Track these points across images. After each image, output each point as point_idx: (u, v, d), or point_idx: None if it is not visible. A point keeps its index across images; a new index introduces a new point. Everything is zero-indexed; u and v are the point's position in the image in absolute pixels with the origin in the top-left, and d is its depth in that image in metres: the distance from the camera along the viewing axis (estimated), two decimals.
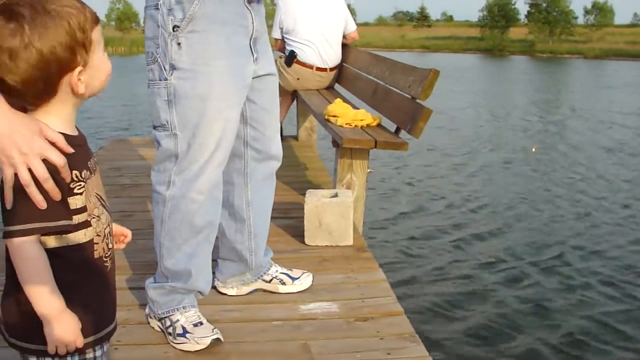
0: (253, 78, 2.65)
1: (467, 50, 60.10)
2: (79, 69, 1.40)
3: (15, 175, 1.32)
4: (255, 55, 2.62)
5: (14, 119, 1.33)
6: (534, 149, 10.48)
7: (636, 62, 42.41)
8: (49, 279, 1.39)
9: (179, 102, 2.46)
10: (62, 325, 1.41)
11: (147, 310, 2.80)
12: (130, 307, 2.94)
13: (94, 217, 1.48)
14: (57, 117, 1.42)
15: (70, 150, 1.40)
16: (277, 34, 6.44)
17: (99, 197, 1.51)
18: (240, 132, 2.74)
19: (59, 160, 1.35)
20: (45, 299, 1.39)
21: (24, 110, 1.40)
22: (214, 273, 3.03)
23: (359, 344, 2.66)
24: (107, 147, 6.87)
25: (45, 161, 1.34)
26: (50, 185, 1.35)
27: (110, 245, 1.55)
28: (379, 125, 4.36)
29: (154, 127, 2.57)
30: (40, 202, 1.34)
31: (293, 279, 3.14)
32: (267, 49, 2.77)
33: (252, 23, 2.57)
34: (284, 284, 3.12)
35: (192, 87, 2.44)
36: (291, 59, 6.18)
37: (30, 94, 1.38)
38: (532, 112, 16.09)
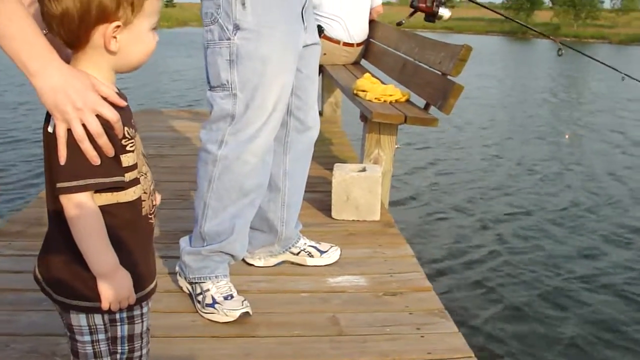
0: (303, 47, 2.66)
1: (490, 32, 59.57)
2: (116, 23, 1.36)
3: (69, 130, 1.31)
4: (305, 24, 2.63)
5: (68, 73, 1.32)
6: (567, 137, 10.32)
7: None
8: (105, 236, 1.38)
9: (241, 62, 2.46)
10: (118, 282, 1.42)
11: (177, 268, 2.79)
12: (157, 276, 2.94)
13: (142, 175, 1.47)
14: (97, 72, 1.40)
15: (124, 103, 1.40)
16: None
17: (144, 154, 1.50)
18: None
19: (112, 115, 1.35)
20: (102, 256, 1.39)
21: (67, 62, 1.37)
22: None
23: (387, 317, 2.65)
24: None
25: (98, 117, 1.33)
26: (104, 140, 1.33)
27: (154, 203, 1.54)
28: (407, 100, 4.31)
29: (211, 88, 2.57)
30: (94, 157, 1.33)
31: (321, 252, 3.13)
32: (313, 18, 2.79)
33: None
34: (311, 256, 3.10)
35: (255, 47, 2.45)
36: (318, 33, 6.10)
37: (65, 32, 1.35)
38: (558, 96, 15.91)
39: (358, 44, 6.23)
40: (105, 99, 1.35)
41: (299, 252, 3.11)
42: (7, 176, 7.30)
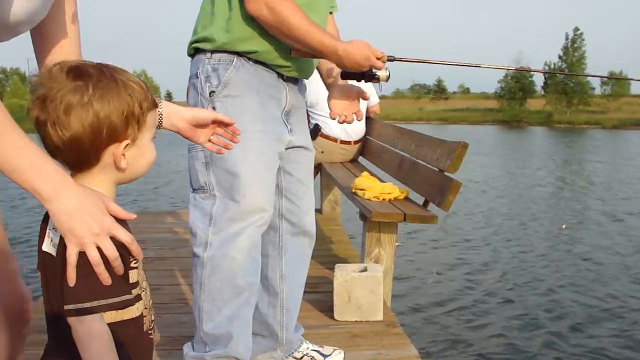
0: (288, 148, 2.70)
1: (485, 122, 60.43)
2: (126, 142, 1.40)
3: (81, 252, 1.31)
4: (289, 127, 2.68)
5: (82, 197, 1.33)
6: (563, 227, 10.33)
7: None
8: (116, 356, 1.36)
9: (215, 163, 2.50)
10: None
11: None
12: None
13: (142, 290, 1.47)
14: (102, 189, 1.41)
15: (133, 216, 1.42)
16: None
17: (142, 267, 1.50)
18: (275, 203, 2.74)
19: (128, 238, 1.36)
20: None
21: None
22: None
23: None
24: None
25: (111, 238, 1.34)
26: (118, 263, 1.34)
27: (153, 317, 1.54)
28: (406, 198, 4.34)
29: (193, 190, 2.60)
30: (107, 279, 1.33)
31: (324, 356, 3.09)
32: (303, 123, 2.84)
33: (286, 97, 2.65)
34: None
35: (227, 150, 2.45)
36: (315, 132, 6.20)
37: (74, 156, 1.37)
38: (556, 184, 16.00)
39: (355, 142, 6.31)
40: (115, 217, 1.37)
41: (302, 357, 3.06)
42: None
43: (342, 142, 6.25)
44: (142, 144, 1.44)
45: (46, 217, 1.40)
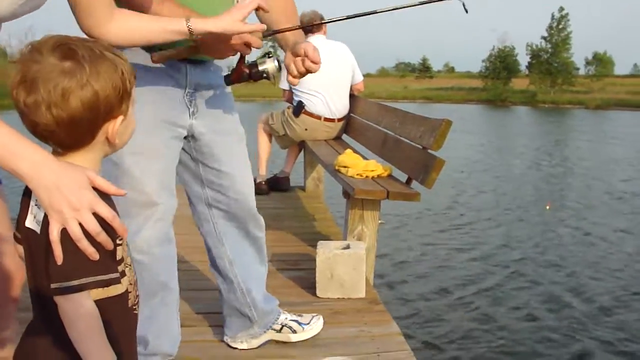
0: (195, 136, 2.54)
1: (469, 101, 60.44)
2: (121, 117, 1.40)
3: (63, 229, 1.29)
4: (190, 109, 2.48)
5: (61, 172, 1.31)
6: (547, 207, 10.34)
7: (637, 112, 42.59)
8: (104, 335, 1.35)
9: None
10: None
11: None
12: None
13: (127, 266, 1.45)
14: (90, 164, 1.40)
15: (122, 192, 1.40)
16: (284, 85, 6.47)
17: (127, 245, 1.49)
18: (199, 193, 2.68)
19: (108, 214, 1.33)
20: (102, 354, 1.34)
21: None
22: (223, 328, 2.99)
23: None
24: None
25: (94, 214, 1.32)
26: (103, 237, 1.32)
27: (137, 293, 1.52)
28: (389, 175, 4.33)
29: None
30: (93, 254, 1.30)
31: (303, 325, 3.08)
32: (218, 104, 2.60)
33: (186, 75, 2.43)
34: (294, 332, 3.05)
35: None
36: (299, 109, 6.18)
37: (71, 136, 1.36)
38: (540, 164, 16.03)
39: (339, 119, 6.30)
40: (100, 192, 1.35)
41: (281, 329, 3.04)
42: None
43: (326, 119, 6.23)
44: (129, 117, 1.44)
45: (27, 191, 1.39)
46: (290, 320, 3.07)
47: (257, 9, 2.17)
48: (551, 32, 72.29)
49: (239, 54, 2.32)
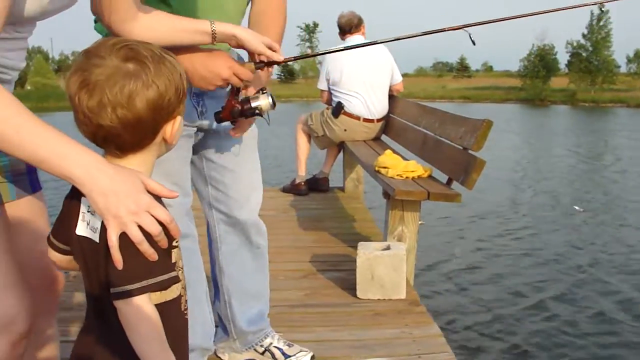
0: (206, 132, 2.50)
1: (507, 100, 59.86)
2: (179, 117, 1.42)
3: (121, 234, 1.29)
4: (199, 109, 2.41)
5: (116, 176, 1.31)
6: (576, 207, 10.13)
7: None
8: (164, 336, 1.35)
9: None
10: None
11: None
12: None
13: (179, 270, 1.44)
14: (144, 167, 1.42)
15: (175, 194, 1.40)
16: (323, 85, 6.47)
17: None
18: (202, 192, 2.65)
19: (166, 217, 1.34)
20: (163, 356, 1.35)
21: None
22: None
23: None
24: None
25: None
26: (162, 238, 1.33)
27: (186, 297, 1.51)
28: (429, 176, 4.32)
29: None
30: (153, 255, 1.31)
31: (286, 355, 2.86)
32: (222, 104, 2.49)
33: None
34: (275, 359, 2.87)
35: None
36: (338, 110, 6.18)
37: (134, 136, 1.37)
38: (579, 166, 15.79)
39: (378, 120, 6.29)
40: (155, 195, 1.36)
41: (263, 352, 2.87)
42: None
43: (365, 120, 6.23)
44: (180, 117, 1.46)
45: (73, 195, 1.40)
46: (275, 346, 2.87)
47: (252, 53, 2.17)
48: (591, 30, 71.29)
49: (229, 87, 2.25)
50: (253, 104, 2.25)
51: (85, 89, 1.31)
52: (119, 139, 1.36)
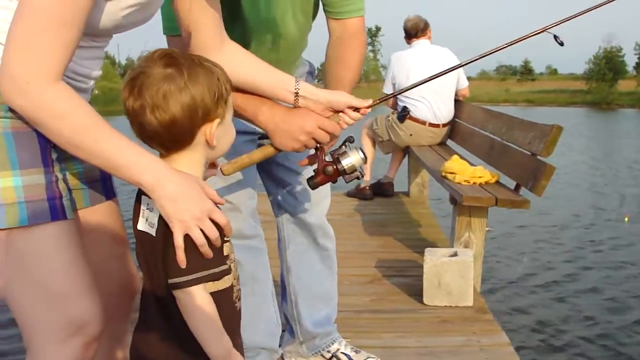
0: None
1: (572, 104, 58.75)
2: (218, 120, 1.50)
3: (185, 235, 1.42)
4: None
5: (182, 183, 1.44)
6: (626, 219, 9.74)
7: None
8: (219, 321, 1.47)
9: None
10: None
11: None
12: None
13: (232, 262, 1.56)
14: (194, 169, 1.52)
15: (223, 201, 1.52)
16: (389, 90, 6.45)
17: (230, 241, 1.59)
18: (272, 192, 2.67)
19: (224, 220, 1.47)
20: (219, 340, 1.47)
21: None
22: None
23: None
24: None
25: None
26: (219, 240, 1.46)
27: (239, 287, 1.62)
28: (497, 182, 4.27)
29: None
30: (209, 253, 1.44)
31: None
32: None
33: None
34: None
35: None
36: (404, 115, 6.17)
37: (172, 137, 1.48)
38: None
39: (444, 125, 6.25)
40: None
41: (330, 358, 2.85)
42: None
43: (431, 124, 6.20)
44: (226, 123, 1.55)
45: (138, 197, 1.51)
46: (342, 352, 2.85)
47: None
48: None
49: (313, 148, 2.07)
50: (345, 163, 2.02)
51: (132, 91, 1.45)
52: (159, 138, 1.48)
